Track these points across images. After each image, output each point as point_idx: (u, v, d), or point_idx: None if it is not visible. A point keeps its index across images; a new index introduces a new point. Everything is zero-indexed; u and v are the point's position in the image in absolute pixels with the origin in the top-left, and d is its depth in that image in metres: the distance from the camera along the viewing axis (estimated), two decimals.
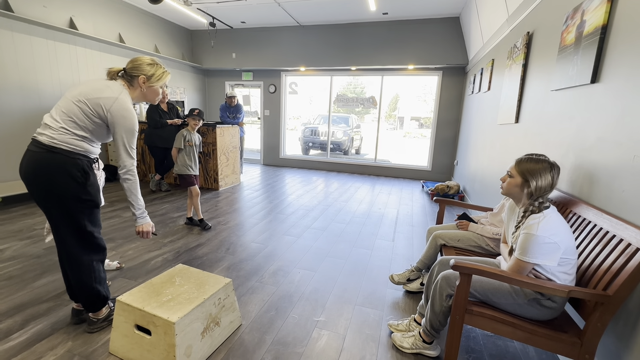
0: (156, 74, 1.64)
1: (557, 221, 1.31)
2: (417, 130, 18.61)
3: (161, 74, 1.67)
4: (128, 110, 1.53)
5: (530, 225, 1.29)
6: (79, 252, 1.59)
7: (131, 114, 1.55)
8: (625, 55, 1.42)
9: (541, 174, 1.35)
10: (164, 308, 1.45)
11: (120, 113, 1.51)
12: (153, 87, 1.65)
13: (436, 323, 1.55)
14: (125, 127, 1.53)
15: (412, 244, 3.10)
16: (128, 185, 1.59)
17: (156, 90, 1.68)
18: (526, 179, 1.37)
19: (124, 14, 5.38)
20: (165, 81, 1.70)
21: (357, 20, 5.99)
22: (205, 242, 2.94)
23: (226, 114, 5.65)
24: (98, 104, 1.48)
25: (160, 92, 1.71)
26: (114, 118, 1.50)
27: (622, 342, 1.28)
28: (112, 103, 1.49)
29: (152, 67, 1.64)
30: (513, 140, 2.79)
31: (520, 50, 2.73)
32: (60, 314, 1.83)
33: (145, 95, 1.66)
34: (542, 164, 1.37)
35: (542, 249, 1.27)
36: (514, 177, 1.42)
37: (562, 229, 1.29)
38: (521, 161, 1.42)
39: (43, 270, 2.30)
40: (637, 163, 1.28)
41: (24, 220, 3.28)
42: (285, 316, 1.91)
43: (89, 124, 1.50)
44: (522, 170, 1.39)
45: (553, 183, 1.35)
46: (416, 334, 1.65)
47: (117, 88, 1.54)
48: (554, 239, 1.26)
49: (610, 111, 1.49)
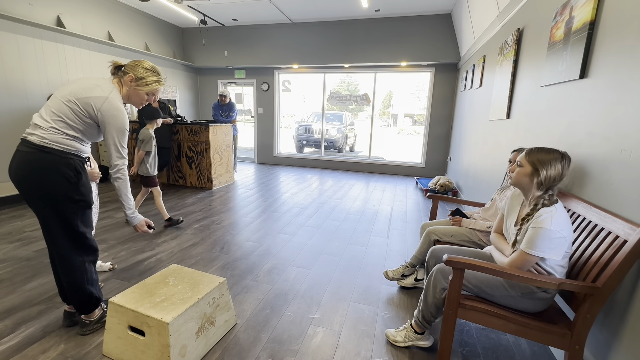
0: (146, 79, 1.61)
1: (565, 215, 1.30)
2: (411, 127, 18.69)
3: (152, 81, 1.63)
4: (118, 109, 1.51)
5: (543, 219, 1.27)
6: (71, 253, 1.57)
7: (122, 113, 1.53)
8: (612, 51, 1.44)
9: (552, 164, 1.34)
10: (158, 308, 1.44)
11: (111, 112, 1.49)
12: (139, 90, 1.62)
13: (428, 314, 1.56)
14: (115, 127, 1.51)
15: (406, 240, 3.12)
16: (119, 184, 1.58)
17: (141, 95, 1.63)
18: (536, 168, 1.36)
19: (113, 12, 5.29)
20: (152, 90, 1.65)
21: (350, 18, 5.97)
22: (199, 241, 2.93)
23: (219, 112, 5.61)
24: (88, 103, 1.46)
25: (145, 99, 1.66)
26: (105, 117, 1.49)
27: (611, 332, 1.31)
28: (102, 102, 1.47)
29: (146, 72, 1.62)
30: (504, 136, 2.82)
31: (511, 47, 2.75)
32: (52, 316, 1.81)
33: (130, 96, 1.63)
34: (554, 154, 1.36)
35: (552, 243, 1.26)
36: (523, 166, 1.41)
37: (568, 223, 1.29)
38: (532, 151, 1.41)
39: (33, 273, 2.26)
40: (625, 157, 1.30)
41: (13, 222, 3.23)
42: (281, 314, 1.91)
43: (79, 124, 1.48)
44: (532, 160, 1.38)
45: (563, 173, 1.35)
46: (407, 326, 1.67)
47: (107, 87, 1.52)
48: (563, 233, 1.26)
49: (599, 106, 1.51)
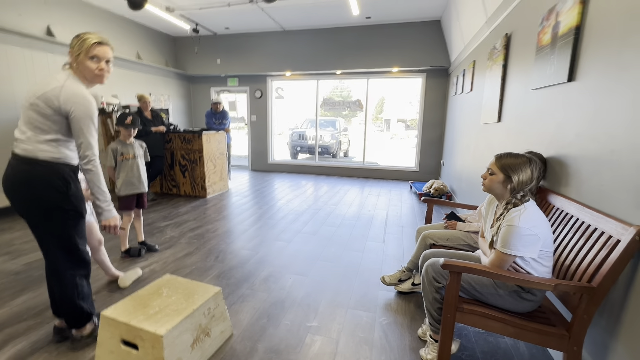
0: (77, 45, 1.45)
1: (537, 213, 1.36)
2: (404, 131, 18.85)
3: (81, 41, 1.44)
4: (78, 94, 1.42)
5: (512, 218, 1.33)
6: (63, 266, 1.54)
7: (83, 98, 1.43)
8: (599, 54, 1.47)
9: (521, 169, 1.40)
10: (151, 321, 1.40)
11: (71, 99, 1.40)
12: (82, 62, 1.46)
13: (436, 315, 1.54)
14: (79, 113, 1.41)
15: (402, 244, 3.12)
16: (90, 176, 1.48)
17: (87, 65, 1.46)
18: (508, 175, 1.42)
19: (104, 21, 5.27)
20: (88, 50, 1.44)
21: (341, 25, 6.04)
22: (194, 250, 2.89)
23: (212, 120, 5.59)
24: (48, 97, 1.40)
25: (97, 68, 1.48)
26: (66, 105, 1.40)
27: (608, 332, 1.31)
28: (59, 91, 1.40)
29: (75, 38, 1.46)
30: (496, 139, 2.85)
31: (500, 52, 2.80)
32: (42, 332, 1.75)
33: (83, 74, 1.48)
34: (521, 158, 1.43)
35: (523, 241, 1.30)
36: (495, 174, 1.46)
37: (541, 221, 1.34)
38: (501, 157, 1.47)
39: (22, 287, 2.20)
40: (615, 157, 1.32)
41: (2, 235, 3.15)
42: (278, 323, 1.88)
43: (51, 124, 1.42)
44: (502, 166, 1.43)
45: (532, 176, 1.41)
46: (431, 341, 1.60)
47: (62, 76, 1.44)
48: (534, 230, 1.30)
49: (587, 108, 1.54)
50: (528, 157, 1.44)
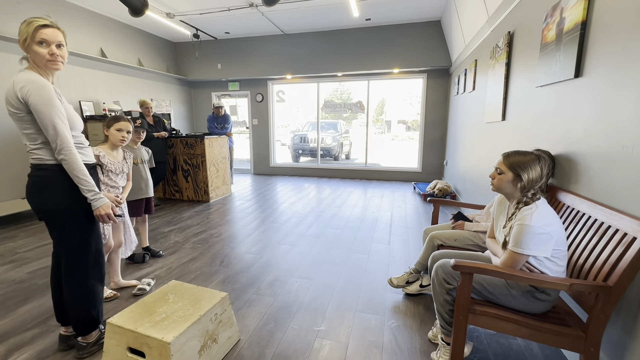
0: (23, 30, 1.36)
1: (549, 212, 1.33)
2: (405, 133, 18.82)
3: (25, 25, 1.36)
4: (29, 80, 1.34)
5: (524, 217, 1.31)
6: (78, 270, 1.55)
7: (35, 84, 1.34)
8: (606, 49, 1.45)
9: (530, 166, 1.38)
10: (158, 328, 1.38)
11: (24, 87, 1.33)
12: (31, 48, 1.37)
13: (447, 317, 1.50)
14: (37, 102, 1.34)
15: (408, 245, 3.09)
16: (66, 165, 1.41)
17: (36, 50, 1.37)
18: (517, 174, 1.39)
19: (106, 28, 5.30)
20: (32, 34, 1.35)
21: (341, 27, 6.06)
22: (198, 255, 2.87)
23: (214, 124, 5.60)
24: (12, 97, 1.35)
25: (46, 53, 1.39)
26: (25, 97, 1.33)
27: (626, 332, 1.28)
28: (14, 85, 1.35)
29: (22, 24, 1.37)
30: (501, 138, 2.83)
31: (503, 50, 2.79)
32: (47, 341, 1.73)
33: (35, 62, 1.40)
34: (529, 155, 1.41)
35: (535, 240, 1.28)
36: (504, 173, 1.44)
37: (553, 219, 1.32)
38: (509, 155, 1.45)
39: (27, 296, 2.18)
40: (626, 153, 1.30)
41: (5, 243, 3.14)
42: (285, 328, 1.86)
43: (30, 126, 1.39)
44: (511, 164, 1.41)
45: (542, 173, 1.38)
46: (442, 344, 1.56)
47: (17, 73, 1.39)
48: (547, 229, 1.28)
49: (595, 104, 1.51)
50: (536, 154, 1.42)
